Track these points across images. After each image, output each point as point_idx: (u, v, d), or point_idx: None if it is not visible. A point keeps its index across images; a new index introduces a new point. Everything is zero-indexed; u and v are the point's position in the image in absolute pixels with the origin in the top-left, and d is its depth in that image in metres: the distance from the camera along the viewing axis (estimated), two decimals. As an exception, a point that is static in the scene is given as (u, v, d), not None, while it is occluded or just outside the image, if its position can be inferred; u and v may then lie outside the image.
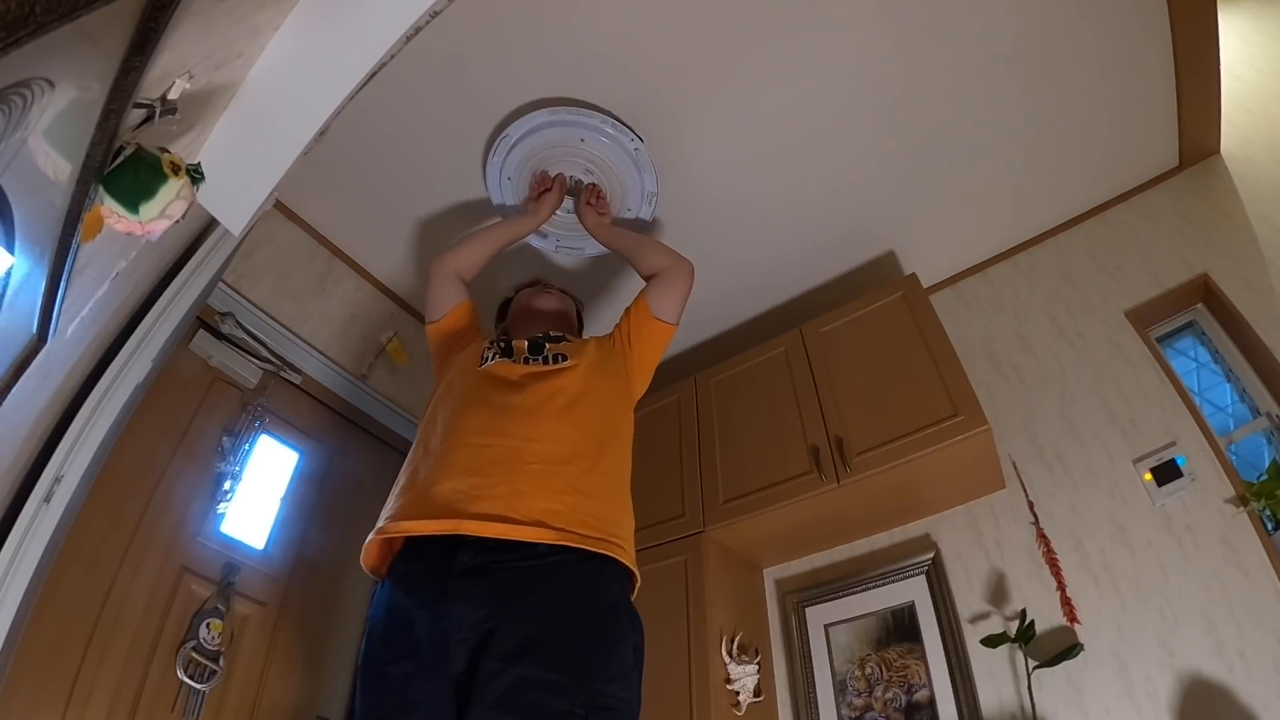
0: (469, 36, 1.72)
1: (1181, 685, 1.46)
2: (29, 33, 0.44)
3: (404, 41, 1.06)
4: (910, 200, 2.19)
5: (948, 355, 1.86)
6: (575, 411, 1.24)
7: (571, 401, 1.25)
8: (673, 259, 1.60)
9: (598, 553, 1.09)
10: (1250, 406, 1.84)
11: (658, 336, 1.50)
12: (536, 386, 1.26)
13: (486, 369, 1.33)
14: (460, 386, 1.32)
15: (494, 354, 1.37)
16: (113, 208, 0.79)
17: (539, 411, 1.21)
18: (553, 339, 1.43)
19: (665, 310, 1.52)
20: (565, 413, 1.22)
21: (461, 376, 1.35)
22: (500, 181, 1.97)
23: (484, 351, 1.39)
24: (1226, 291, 1.85)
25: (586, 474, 1.15)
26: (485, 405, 1.24)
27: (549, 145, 1.88)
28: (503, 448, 1.14)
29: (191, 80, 0.88)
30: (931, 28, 1.72)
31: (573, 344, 1.43)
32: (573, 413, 1.23)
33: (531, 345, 1.40)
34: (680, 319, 1.56)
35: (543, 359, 1.35)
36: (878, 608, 1.92)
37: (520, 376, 1.29)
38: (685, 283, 1.56)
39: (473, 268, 1.65)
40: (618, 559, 1.12)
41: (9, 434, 1.00)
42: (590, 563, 1.09)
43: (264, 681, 1.80)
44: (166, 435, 1.78)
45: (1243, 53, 2.27)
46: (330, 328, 2.29)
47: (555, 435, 1.18)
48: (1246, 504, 1.57)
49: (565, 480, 1.12)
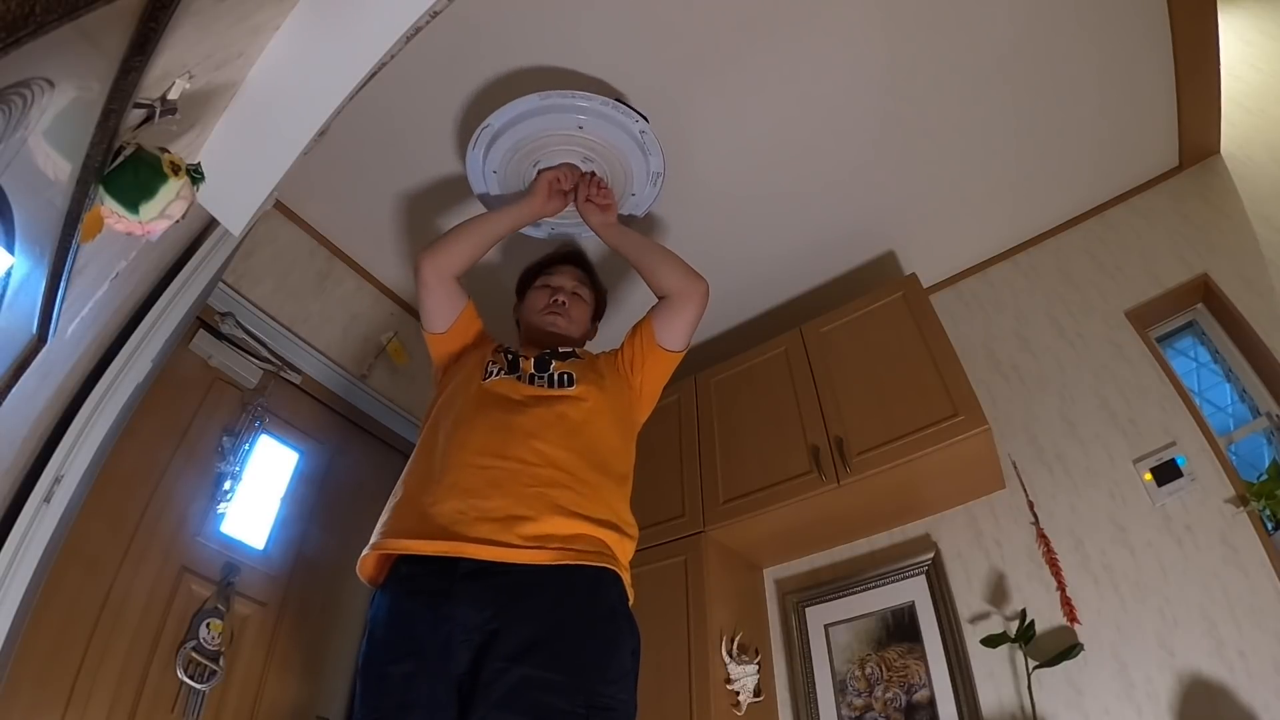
0: (469, 34, 1.72)
1: (1181, 685, 1.46)
2: (29, 33, 0.44)
3: (404, 41, 1.06)
4: (910, 200, 2.19)
5: (948, 355, 1.86)
6: (578, 438, 1.22)
7: (574, 428, 1.24)
8: (686, 280, 1.47)
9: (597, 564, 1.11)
10: (1250, 406, 1.84)
11: (662, 364, 1.45)
12: (539, 411, 1.24)
13: (490, 385, 1.31)
14: (463, 401, 1.30)
15: (499, 370, 1.34)
16: (113, 208, 0.79)
17: (541, 436, 1.19)
18: (561, 355, 1.40)
19: (672, 339, 1.44)
20: (568, 438, 1.21)
21: (464, 389, 1.33)
22: (485, 175, 1.75)
23: (488, 364, 1.36)
24: (1226, 291, 1.85)
25: (587, 499, 1.15)
26: (487, 425, 1.22)
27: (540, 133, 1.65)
28: (504, 470, 1.14)
29: (191, 80, 0.87)
30: (932, 27, 1.72)
31: (581, 363, 1.39)
32: (575, 439, 1.22)
33: (538, 362, 1.36)
34: (689, 343, 1.48)
35: (548, 379, 1.33)
36: (878, 608, 1.92)
37: (524, 397, 1.27)
38: (698, 308, 1.46)
39: (469, 264, 1.49)
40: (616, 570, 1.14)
41: (9, 434, 1.00)
42: (591, 568, 1.09)
43: (264, 681, 1.80)
44: (166, 435, 1.78)
45: (1242, 53, 2.27)
46: (330, 328, 2.29)
47: (557, 460, 1.17)
48: (1246, 504, 1.57)
49: (565, 505, 1.12)
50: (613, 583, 1.12)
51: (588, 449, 1.22)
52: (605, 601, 1.09)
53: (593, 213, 1.63)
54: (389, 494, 1.23)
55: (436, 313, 1.45)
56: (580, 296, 1.60)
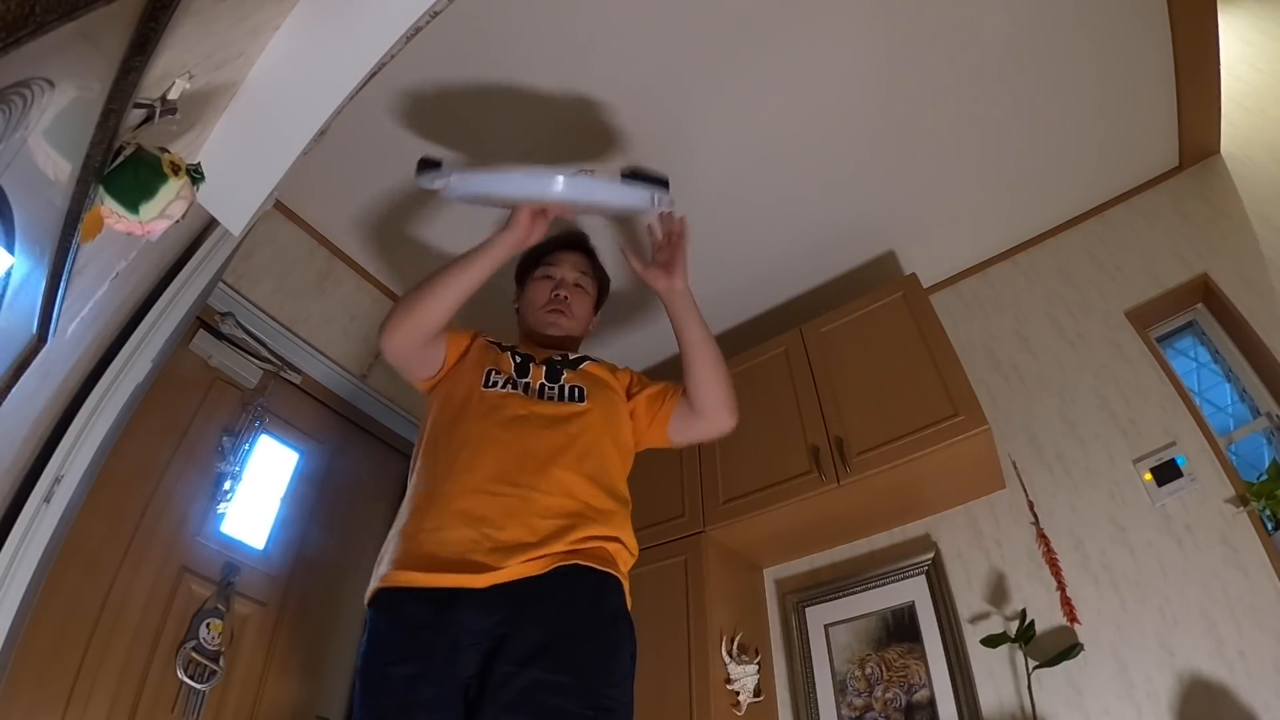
0: (469, 33, 1.72)
1: (1181, 685, 1.46)
2: (29, 33, 0.44)
3: (404, 41, 1.06)
4: (910, 200, 2.19)
5: (948, 355, 1.86)
6: (589, 461, 1.20)
7: (585, 450, 1.21)
8: (721, 409, 1.33)
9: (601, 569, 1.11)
10: (1250, 406, 1.84)
11: (656, 442, 1.39)
12: (552, 434, 1.20)
13: (495, 398, 1.23)
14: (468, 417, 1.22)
15: (504, 380, 1.27)
16: (113, 208, 0.79)
17: (554, 461, 1.16)
18: (571, 363, 1.35)
19: (677, 438, 1.37)
20: (580, 462, 1.18)
21: (466, 400, 1.25)
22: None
23: (488, 371, 1.28)
24: (1226, 291, 1.85)
25: (596, 523, 1.14)
26: (498, 447, 1.17)
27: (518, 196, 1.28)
28: (518, 498, 1.11)
29: (191, 80, 0.87)
30: (932, 27, 1.72)
31: (589, 375, 1.34)
32: (587, 462, 1.19)
33: (549, 372, 1.30)
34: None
35: (559, 391, 1.27)
36: (878, 608, 1.92)
37: (534, 414, 1.22)
38: (713, 436, 1.38)
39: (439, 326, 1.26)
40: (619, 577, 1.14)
41: (9, 434, 1.00)
42: (597, 573, 1.10)
43: (264, 681, 1.80)
44: (166, 435, 1.78)
45: (1242, 53, 2.27)
46: (330, 328, 2.29)
47: (568, 487, 1.15)
48: (1246, 504, 1.57)
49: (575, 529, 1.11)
50: (616, 589, 1.12)
51: (599, 472, 1.20)
52: (608, 607, 1.09)
53: (658, 278, 1.33)
54: (389, 494, 1.22)
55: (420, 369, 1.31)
56: (583, 288, 1.50)
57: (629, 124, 1.91)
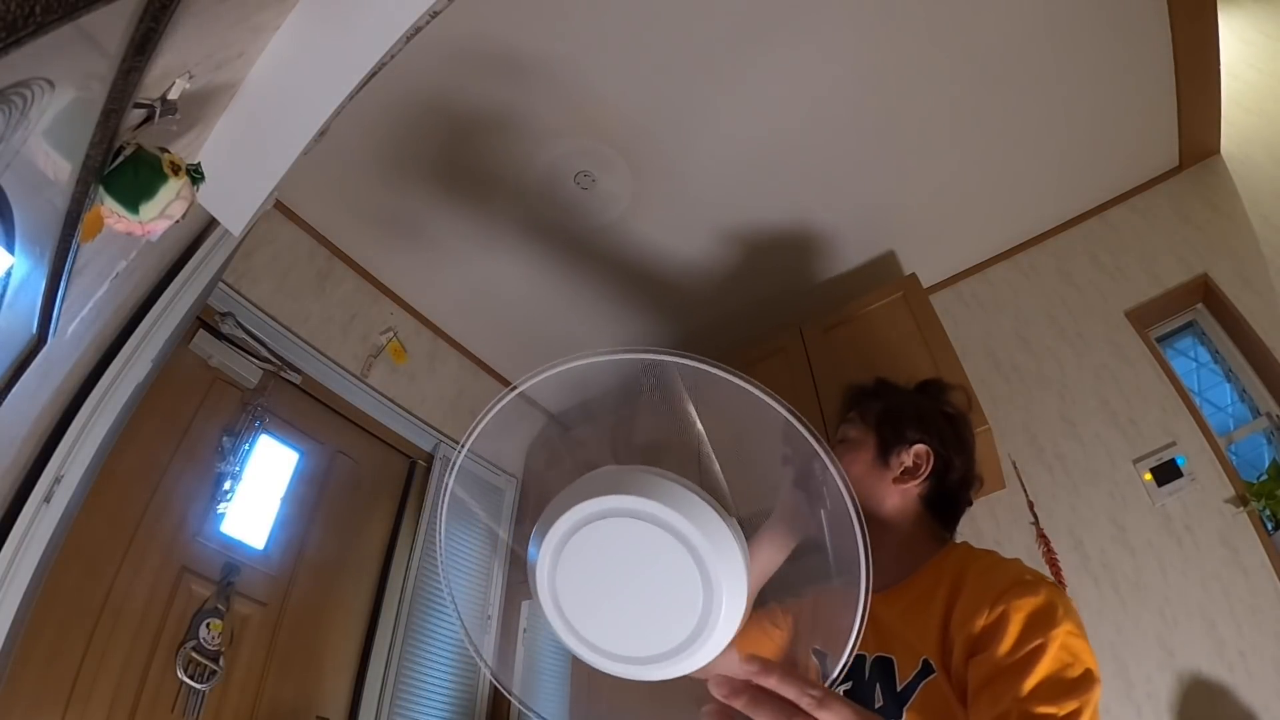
0: (469, 33, 1.72)
1: (1181, 685, 1.46)
2: (29, 33, 0.44)
3: (404, 41, 1.06)
4: (910, 200, 2.19)
5: (948, 355, 1.86)
6: None
7: None
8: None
9: None
10: (1250, 406, 1.84)
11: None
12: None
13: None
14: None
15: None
16: (113, 208, 0.79)
17: None
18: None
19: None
20: None
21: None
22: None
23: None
24: (1226, 291, 1.85)
25: None
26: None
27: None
28: None
29: (191, 80, 0.87)
30: (931, 27, 1.72)
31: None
32: None
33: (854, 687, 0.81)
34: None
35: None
36: (878, 608, 1.91)
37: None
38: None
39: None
40: None
41: (9, 434, 1.00)
42: None
43: (264, 681, 1.80)
44: (166, 435, 1.78)
45: (1242, 53, 2.27)
46: (330, 328, 2.29)
47: None
48: (1246, 504, 1.57)
49: None
50: None
51: None
52: None
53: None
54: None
55: None
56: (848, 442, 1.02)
57: (629, 124, 1.90)
